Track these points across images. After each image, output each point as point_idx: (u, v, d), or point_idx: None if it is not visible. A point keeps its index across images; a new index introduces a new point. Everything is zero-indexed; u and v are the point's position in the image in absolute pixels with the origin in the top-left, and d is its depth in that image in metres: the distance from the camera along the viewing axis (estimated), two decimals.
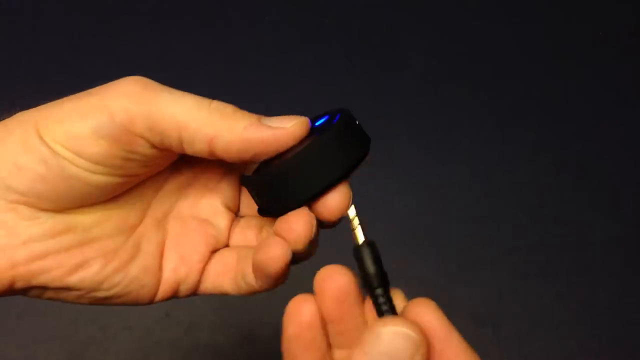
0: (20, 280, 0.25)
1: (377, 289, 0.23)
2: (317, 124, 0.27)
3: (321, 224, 0.25)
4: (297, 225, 0.24)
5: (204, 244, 0.29)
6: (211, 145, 0.24)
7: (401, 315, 0.23)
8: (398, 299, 0.23)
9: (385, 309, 0.23)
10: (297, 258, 0.25)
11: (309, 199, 0.24)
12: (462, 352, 0.21)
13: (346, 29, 0.74)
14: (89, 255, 0.26)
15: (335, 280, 0.23)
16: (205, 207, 0.30)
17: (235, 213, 0.30)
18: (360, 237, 0.24)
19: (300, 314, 0.24)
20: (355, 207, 0.25)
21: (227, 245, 0.30)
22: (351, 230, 0.24)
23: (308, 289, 0.24)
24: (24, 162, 0.23)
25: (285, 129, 0.24)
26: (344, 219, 0.25)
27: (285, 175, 0.24)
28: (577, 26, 0.75)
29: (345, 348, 0.24)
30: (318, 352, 0.23)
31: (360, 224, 0.24)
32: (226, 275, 0.29)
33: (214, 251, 0.29)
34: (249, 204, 0.30)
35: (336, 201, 0.24)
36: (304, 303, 0.24)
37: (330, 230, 0.26)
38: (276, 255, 0.24)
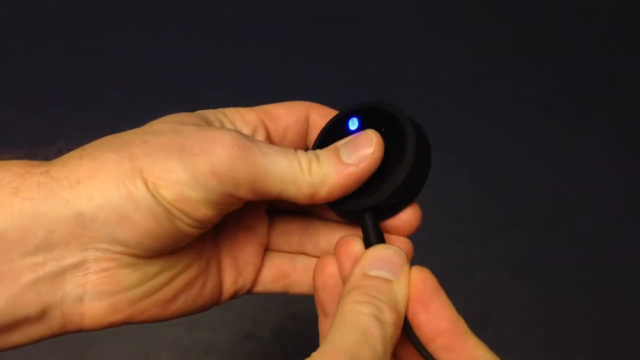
0: (120, 322, 0.26)
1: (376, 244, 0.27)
2: (355, 118, 0.29)
3: None
4: (416, 218, 0.30)
5: (254, 253, 0.31)
6: (313, 199, 0.27)
7: None
8: None
9: None
10: None
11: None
12: (447, 309, 0.27)
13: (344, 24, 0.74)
14: (178, 289, 0.27)
15: (350, 244, 0.28)
16: (248, 215, 0.31)
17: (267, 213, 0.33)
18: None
19: (325, 266, 0.28)
20: None
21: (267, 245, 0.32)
22: None
23: None
24: (136, 219, 0.24)
25: (371, 159, 0.26)
26: None
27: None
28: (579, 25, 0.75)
29: None
30: (339, 298, 0.26)
31: None
32: (280, 282, 0.32)
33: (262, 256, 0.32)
34: (276, 205, 0.33)
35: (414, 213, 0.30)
36: (328, 259, 0.28)
37: None
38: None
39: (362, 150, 0.26)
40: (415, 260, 0.29)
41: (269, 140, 0.29)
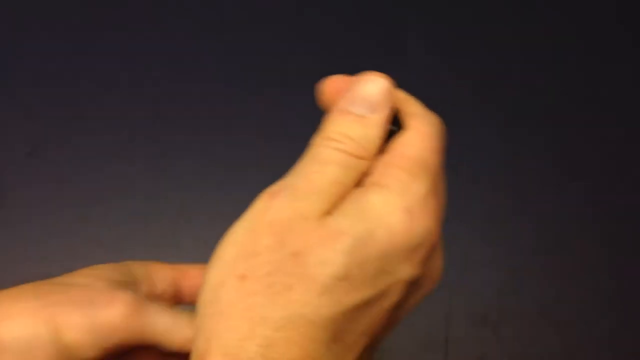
0: None
1: None
2: None
3: None
4: None
5: None
6: (185, 351, 0.33)
7: None
8: None
9: None
10: None
11: None
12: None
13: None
14: None
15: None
16: None
17: None
18: None
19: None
20: None
21: None
22: None
23: None
24: (37, 353, 0.31)
25: None
26: None
27: None
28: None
29: None
30: None
31: None
32: None
33: None
34: None
35: None
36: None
37: None
38: None
39: None
40: None
41: (180, 295, 0.38)
